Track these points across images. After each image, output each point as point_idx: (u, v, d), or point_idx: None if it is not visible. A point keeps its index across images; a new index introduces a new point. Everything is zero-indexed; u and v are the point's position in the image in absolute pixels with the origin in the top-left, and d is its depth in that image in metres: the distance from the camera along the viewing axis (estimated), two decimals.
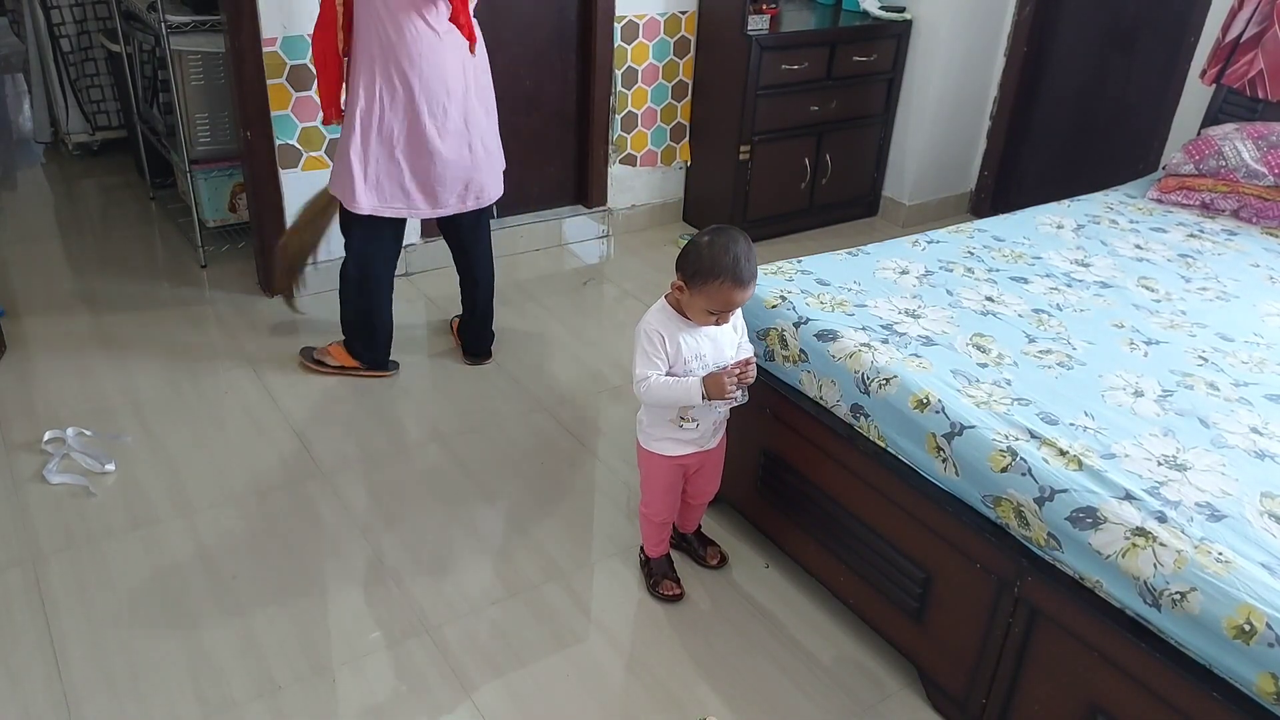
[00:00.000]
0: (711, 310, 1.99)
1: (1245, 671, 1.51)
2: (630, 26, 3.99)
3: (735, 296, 1.97)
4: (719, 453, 2.29)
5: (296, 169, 3.48)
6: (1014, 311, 2.38)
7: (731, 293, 1.96)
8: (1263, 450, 1.89)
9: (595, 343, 3.50)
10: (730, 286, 1.95)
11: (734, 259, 1.93)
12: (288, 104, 3.37)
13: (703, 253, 1.96)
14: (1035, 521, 1.79)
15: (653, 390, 2.04)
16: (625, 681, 2.15)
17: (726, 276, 1.93)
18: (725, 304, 1.98)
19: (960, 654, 1.99)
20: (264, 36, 3.25)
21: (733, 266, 1.93)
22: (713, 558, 2.45)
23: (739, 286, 1.95)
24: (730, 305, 1.99)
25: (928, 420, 1.97)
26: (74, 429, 2.79)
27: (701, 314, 2.01)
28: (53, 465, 2.65)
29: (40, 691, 2.03)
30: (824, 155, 4.30)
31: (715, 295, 1.96)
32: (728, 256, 1.93)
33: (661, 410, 2.14)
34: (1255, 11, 3.29)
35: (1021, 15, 4.28)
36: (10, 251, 3.89)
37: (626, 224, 4.36)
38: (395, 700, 2.07)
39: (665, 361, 2.05)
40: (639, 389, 2.07)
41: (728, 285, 1.94)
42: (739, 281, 1.95)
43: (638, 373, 2.06)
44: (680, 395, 2.04)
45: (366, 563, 2.43)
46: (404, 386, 3.16)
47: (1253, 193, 3.07)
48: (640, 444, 2.24)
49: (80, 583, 2.31)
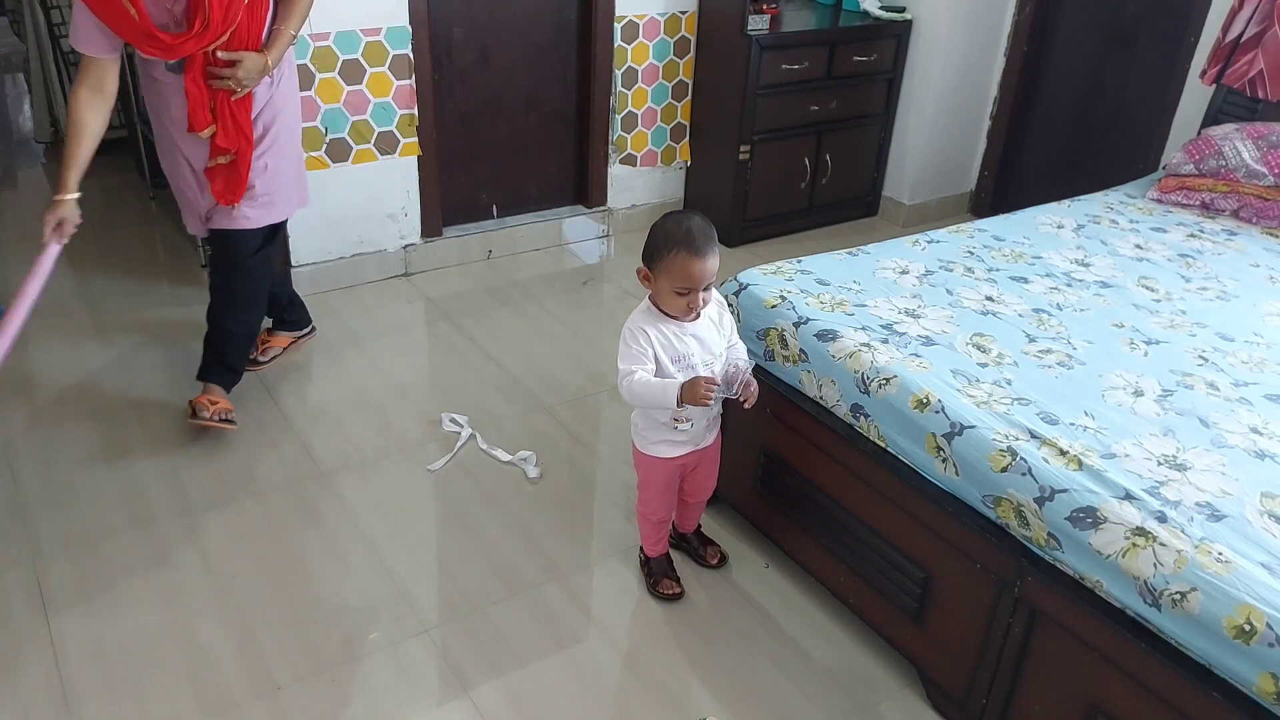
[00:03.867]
0: (677, 289, 1.97)
1: (1245, 671, 1.51)
2: (630, 26, 3.99)
3: (694, 267, 1.94)
4: (715, 450, 2.29)
5: None
6: (1014, 311, 2.37)
7: (689, 263, 1.94)
8: (1263, 450, 1.89)
9: (595, 343, 3.50)
10: (686, 255, 1.93)
11: (686, 230, 1.94)
12: None
13: (656, 232, 1.99)
14: (1035, 521, 1.79)
15: (634, 387, 2.03)
16: (625, 681, 2.15)
17: (679, 246, 1.93)
18: (686, 277, 1.95)
19: (960, 654, 1.99)
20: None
21: (685, 236, 1.93)
22: (713, 557, 2.46)
23: (695, 255, 1.93)
24: (691, 278, 1.96)
25: (928, 420, 1.97)
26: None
27: (671, 298, 1.99)
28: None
29: (40, 691, 2.03)
30: (824, 155, 4.30)
31: (674, 270, 1.95)
32: (679, 229, 1.95)
33: (655, 411, 2.13)
34: (1255, 11, 3.29)
35: (1021, 15, 4.28)
36: (10, 251, 3.89)
37: (626, 224, 4.36)
38: (395, 700, 2.06)
39: (651, 358, 2.04)
40: (621, 385, 2.06)
41: (682, 255, 1.93)
42: (693, 249, 1.93)
43: (621, 368, 2.05)
44: (658, 396, 2.02)
45: (366, 562, 2.43)
46: (405, 388, 3.16)
47: (1253, 193, 3.07)
48: (636, 446, 2.23)
49: (80, 582, 2.31)
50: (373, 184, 3.66)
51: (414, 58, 3.55)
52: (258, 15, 2.47)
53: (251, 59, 2.47)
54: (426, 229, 3.85)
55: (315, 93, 3.41)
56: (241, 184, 2.61)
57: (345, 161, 3.57)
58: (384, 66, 3.51)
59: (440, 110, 3.76)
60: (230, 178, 2.60)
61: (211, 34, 2.38)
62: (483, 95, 3.87)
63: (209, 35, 2.38)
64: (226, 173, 2.60)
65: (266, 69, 2.51)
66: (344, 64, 3.43)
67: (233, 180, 2.60)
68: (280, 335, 3.25)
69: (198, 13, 2.36)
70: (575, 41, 3.99)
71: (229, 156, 2.57)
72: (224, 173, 2.60)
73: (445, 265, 3.95)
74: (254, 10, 2.45)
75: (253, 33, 2.47)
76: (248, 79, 2.48)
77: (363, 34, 3.42)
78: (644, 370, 2.03)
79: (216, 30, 2.38)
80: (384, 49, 3.49)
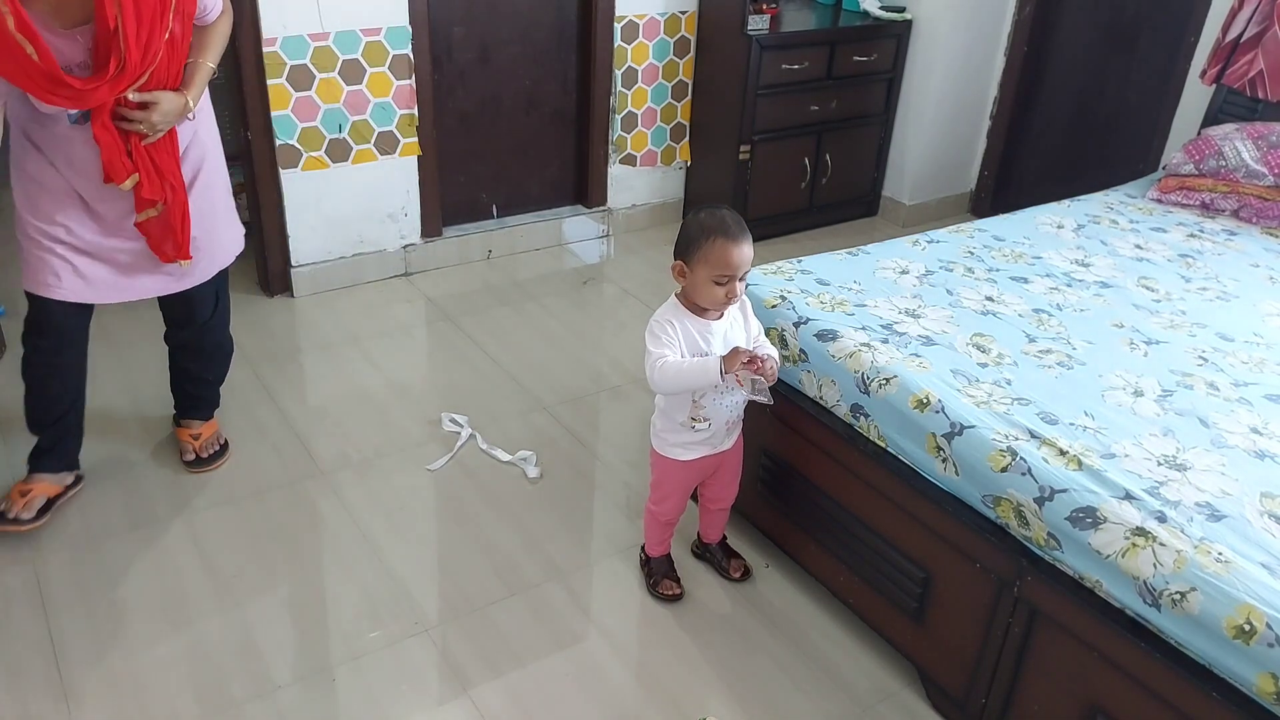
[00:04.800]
0: (715, 278, 1.98)
1: (1245, 671, 1.51)
2: (630, 26, 3.99)
3: (732, 253, 1.96)
4: (736, 456, 2.28)
5: (297, 169, 3.48)
6: (1014, 311, 2.37)
7: (726, 249, 1.96)
8: (1262, 450, 1.89)
9: (595, 342, 3.50)
10: (724, 242, 1.96)
11: (720, 219, 1.98)
12: (288, 104, 3.38)
13: (690, 225, 2.02)
14: (1035, 521, 1.79)
15: (667, 371, 2.00)
16: (625, 681, 2.15)
17: (716, 234, 1.96)
18: (724, 264, 1.96)
19: (960, 654, 1.99)
20: (264, 37, 3.25)
21: (720, 224, 1.97)
22: (736, 570, 2.42)
23: (732, 241, 1.96)
24: (730, 265, 1.96)
25: (928, 420, 1.97)
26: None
27: (708, 288, 1.99)
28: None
29: (40, 691, 2.03)
30: (824, 155, 4.30)
31: (712, 258, 1.96)
32: (713, 218, 1.99)
33: (673, 411, 2.13)
34: (1255, 11, 3.29)
35: (1021, 15, 4.28)
36: (10, 251, 3.88)
37: (626, 224, 4.36)
38: (395, 700, 2.07)
39: (678, 349, 2.03)
40: (653, 370, 2.01)
41: (720, 241, 1.96)
42: (730, 236, 1.96)
43: (653, 352, 2.02)
44: (698, 373, 1.99)
45: (366, 562, 2.43)
46: (405, 388, 3.16)
47: (1253, 193, 3.07)
48: (654, 448, 2.23)
49: (80, 582, 2.31)
50: (373, 184, 3.66)
51: (414, 58, 3.55)
52: (178, 52, 2.15)
53: (169, 100, 2.15)
54: (426, 229, 3.85)
55: (315, 93, 3.41)
56: (185, 235, 2.30)
57: (345, 161, 3.57)
58: (384, 66, 3.51)
59: (440, 110, 3.76)
60: (167, 231, 2.28)
61: (129, 77, 2.04)
62: (483, 95, 3.87)
63: (125, 79, 2.04)
64: (161, 227, 2.27)
65: (187, 109, 2.20)
66: (344, 64, 3.43)
67: (170, 234, 2.29)
68: (42, 480, 2.46)
69: (111, 52, 1.98)
70: (575, 41, 3.99)
71: (158, 208, 2.24)
72: (158, 228, 2.27)
73: (445, 265, 3.95)
74: (174, 47, 2.12)
75: (172, 71, 2.15)
76: (163, 123, 2.16)
77: (363, 34, 3.42)
78: (674, 354, 2.02)
79: (134, 72, 2.04)
80: (384, 49, 3.49)
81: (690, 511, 2.44)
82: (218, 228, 2.45)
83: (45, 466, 2.47)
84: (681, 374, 2.01)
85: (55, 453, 2.49)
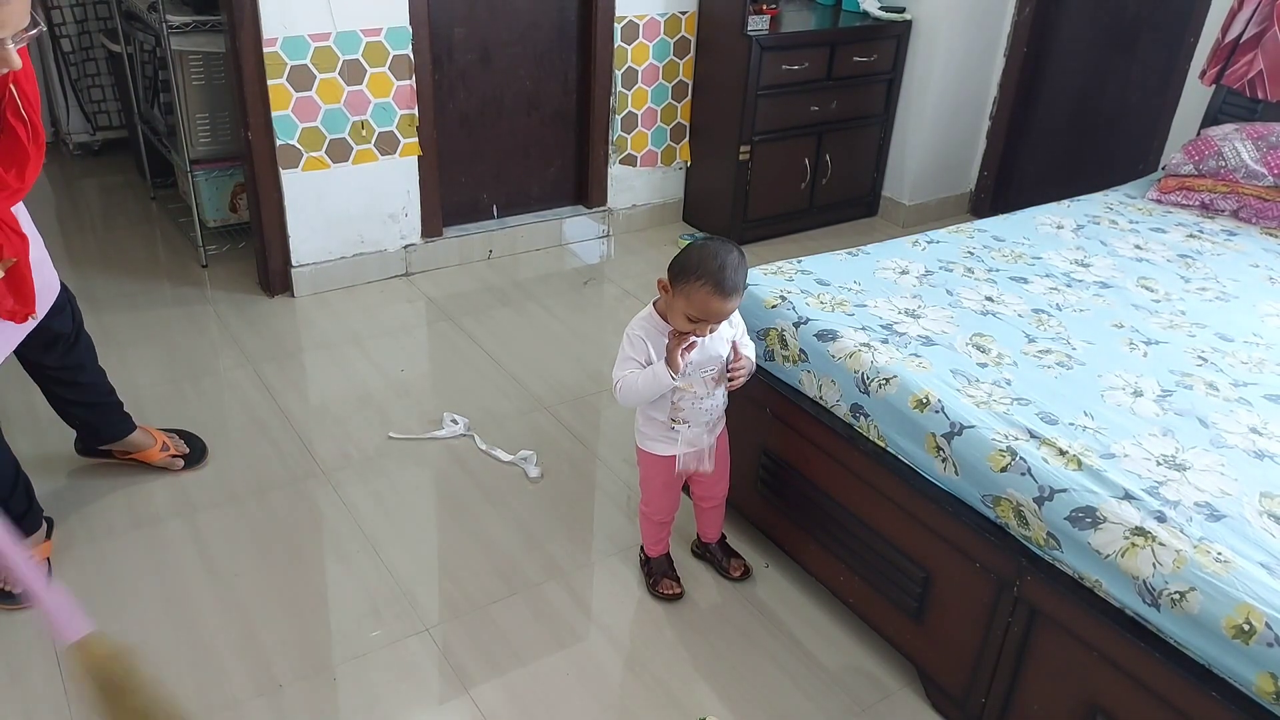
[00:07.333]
0: (690, 315, 1.94)
1: (1244, 671, 1.51)
2: (630, 27, 4.00)
3: (713, 304, 1.91)
4: (722, 450, 2.28)
5: (297, 169, 3.49)
6: (1014, 311, 2.38)
7: (709, 299, 1.90)
8: (1262, 450, 1.89)
9: (595, 343, 3.50)
10: (709, 291, 1.89)
11: (720, 265, 1.89)
12: (288, 104, 3.38)
13: (691, 253, 1.94)
14: (1035, 521, 1.79)
15: (626, 390, 2.04)
16: (625, 680, 2.15)
17: (708, 280, 1.89)
18: (703, 310, 1.92)
19: (960, 654, 2.00)
20: (265, 37, 3.25)
21: (717, 271, 1.89)
22: (736, 570, 2.42)
23: (719, 294, 1.89)
24: (708, 313, 1.92)
25: (927, 420, 1.98)
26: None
27: (680, 318, 1.96)
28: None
29: (41, 691, 2.03)
30: (824, 155, 4.31)
31: (694, 298, 1.91)
32: (715, 261, 1.90)
33: (654, 411, 2.14)
34: (1255, 12, 3.30)
35: (1021, 15, 4.29)
36: None
37: (626, 224, 4.37)
38: (395, 699, 2.07)
39: (646, 362, 2.04)
40: (616, 392, 2.07)
41: (707, 289, 1.89)
42: (720, 288, 1.89)
43: (615, 375, 2.07)
44: (651, 383, 2.02)
45: (367, 562, 2.43)
46: (405, 388, 3.16)
47: (1252, 193, 3.07)
48: (637, 444, 2.24)
49: (81, 581, 2.31)
50: (373, 184, 3.66)
51: (414, 58, 3.56)
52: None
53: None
54: (427, 229, 3.85)
55: (315, 93, 3.42)
56: (31, 287, 2.10)
57: (345, 162, 3.57)
58: (384, 67, 3.51)
59: (440, 110, 3.76)
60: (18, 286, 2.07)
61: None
62: (483, 95, 3.88)
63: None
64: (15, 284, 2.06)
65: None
66: (344, 64, 3.43)
67: (22, 288, 2.08)
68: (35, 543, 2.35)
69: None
70: (575, 42, 3.99)
71: (7, 263, 2.02)
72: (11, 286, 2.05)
73: (446, 265, 3.96)
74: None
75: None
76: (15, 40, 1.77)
77: (363, 34, 3.43)
78: (631, 373, 2.05)
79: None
80: (384, 49, 3.49)
81: (689, 511, 2.45)
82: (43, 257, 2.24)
83: (28, 529, 2.30)
84: (637, 390, 2.04)
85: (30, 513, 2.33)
